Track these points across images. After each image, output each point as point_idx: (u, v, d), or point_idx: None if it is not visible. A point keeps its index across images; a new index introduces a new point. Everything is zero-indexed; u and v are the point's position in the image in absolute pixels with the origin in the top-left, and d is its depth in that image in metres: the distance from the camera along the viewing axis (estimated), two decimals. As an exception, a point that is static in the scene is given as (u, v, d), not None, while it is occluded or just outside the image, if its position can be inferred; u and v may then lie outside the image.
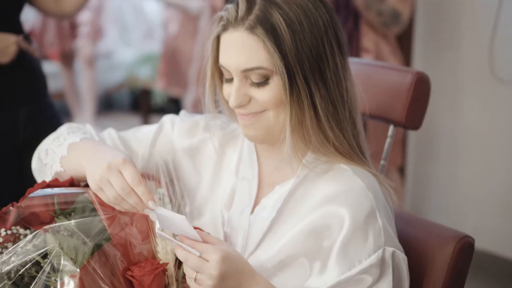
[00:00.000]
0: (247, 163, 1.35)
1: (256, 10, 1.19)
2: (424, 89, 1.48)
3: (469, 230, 1.43)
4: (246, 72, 1.20)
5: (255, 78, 1.20)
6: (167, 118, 1.44)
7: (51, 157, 1.35)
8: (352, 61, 1.62)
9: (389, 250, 1.20)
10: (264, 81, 1.20)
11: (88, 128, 1.43)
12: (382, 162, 1.58)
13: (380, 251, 1.19)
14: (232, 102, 1.23)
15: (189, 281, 1.13)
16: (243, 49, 1.19)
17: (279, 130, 1.23)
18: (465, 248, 1.33)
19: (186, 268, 1.13)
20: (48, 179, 1.34)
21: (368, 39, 2.70)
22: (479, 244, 3.14)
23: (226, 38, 1.22)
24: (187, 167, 1.40)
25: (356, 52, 2.70)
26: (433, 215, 3.41)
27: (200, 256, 1.10)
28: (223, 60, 1.23)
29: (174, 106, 5.41)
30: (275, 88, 1.20)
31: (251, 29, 1.18)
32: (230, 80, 1.24)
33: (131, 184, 1.16)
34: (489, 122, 3.21)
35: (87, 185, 1.27)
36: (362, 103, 1.34)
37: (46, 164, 1.36)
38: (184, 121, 1.43)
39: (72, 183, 1.31)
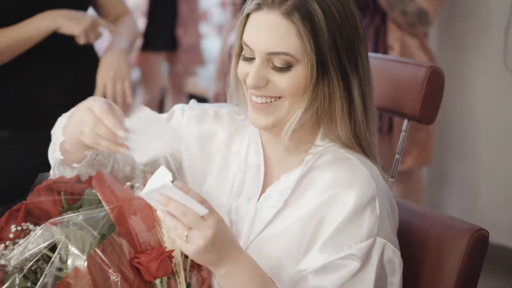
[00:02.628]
0: (254, 151, 1.36)
1: None
2: (437, 83, 1.49)
3: (486, 225, 1.44)
4: (271, 55, 1.20)
5: (278, 62, 1.20)
6: (178, 107, 1.46)
7: (57, 131, 1.37)
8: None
9: (381, 241, 1.20)
10: (286, 67, 1.20)
11: None
12: (396, 156, 1.60)
13: (371, 239, 1.19)
14: (249, 82, 1.22)
15: (178, 239, 1.10)
16: (274, 32, 1.19)
17: (289, 120, 1.24)
18: (480, 240, 1.33)
19: (177, 226, 1.09)
20: (57, 154, 1.35)
21: (393, 37, 2.68)
22: (496, 239, 3.16)
23: (257, 18, 1.21)
24: (196, 154, 1.41)
25: (383, 50, 2.70)
26: (449, 210, 3.42)
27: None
28: (249, 38, 1.22)
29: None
30: (297, 76, 1.20)
31: (287, 14, 1.18)
32: (249, 59, 1.24)
33: (99, 115, 1.19)
34: (503, 116, 3.21)
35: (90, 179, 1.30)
36: (379, 99, 1.36)
37: (53, 135, 1.39)
38: (193, 109, 1.44)
39: (78, 179, 1.33)
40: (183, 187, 1.09)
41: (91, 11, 2.04)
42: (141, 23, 3.43)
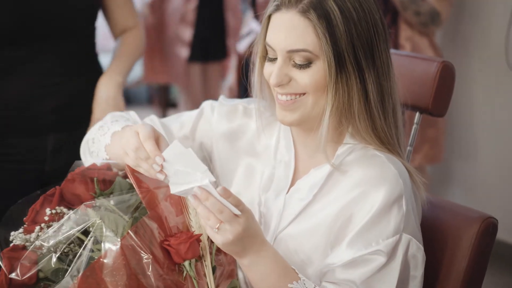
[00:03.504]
0: (284, 147, 1.40)
1: None
2: (449, 77, 1.55)
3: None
4: (291, 53, 1.25)
5: (298, 60, 1.25)
6: (207, 104, 1.50)
7: (97, 146, 1.42)
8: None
9: (407, 237, 1.26)
10: (306, 64, 1.25)
11: (132, 114, 1.50)
12: (408, 148, 1.65)
13: (398, 236, 1.25)
14: (272, 80, 1.27)
15: (208, 228, 1.18)
16: (292, 30, 1.24)
17: (316, 116, 1.28)
18: (489, 228, 1.39)
19: (209, 217, 1.17)
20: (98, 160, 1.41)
21: (404, 36, 2.73)
22: (501, 236, 3.20)
23: (277, 18, 1.27)
24: (225, 150, 1.45)
25: (395, 49, 2.73)
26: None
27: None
28: (270, 38, 1.28)
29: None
30: (317, 72, 1.25)
31: (304, 12, 1.23)
32: (273, 59, 1.28)
33: (142, 140, 1.23)
34: (505, 115, 3.24)
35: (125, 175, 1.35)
36: (402, 96, 1.38)
37: (93, 152, 1.43)
38: (223, 105, 1.48)
39: (109, 167, 1.38)
40: (225, 192, 1.17)
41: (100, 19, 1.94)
42: (188, 33, 3.42)
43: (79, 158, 1.46)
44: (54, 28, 1.78)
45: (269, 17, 1.29)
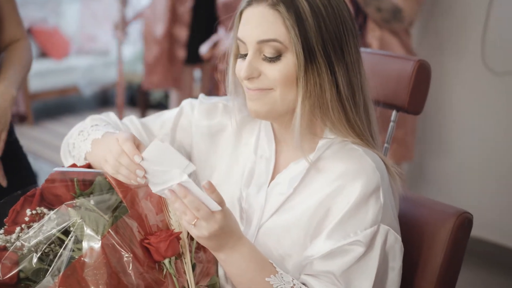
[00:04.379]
0: (265, 142, 1.42)
1: None
2: (425, 76, 1.58)
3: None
4: (261, 43, 1.26)
5: (268, 52, 1.27)
6: (187, 102, 1.51)
7: (78, 151, 1.43)
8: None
9: (384, 227, 1.28)
10: (276, 57, 1.26)
11: (112, 116, 1.51)
12: (385, 145, 1.67)
13: (376, 226, 1.27)
14: (242, 73, 1.29)
15: (187, 224, 1.21)
16: (262, 22, 1.26)
17: (285, 110, 1.30)
18: (465, 223, 1.42)
19: (186, 212, 1.19)
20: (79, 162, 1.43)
21: (372, 35, 2.75)
22: (479, 235, 3.23)
23: (248, 13, 1.29)
24: (205, 148, 1.47)
25: (365, 48, 2.76)
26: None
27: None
28: (241, 32, 1.30)
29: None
30: (287, 66, 1.26)
31: (273, 5, 1.25)
32: (244, 56, 1.31)
33: (120, 143, 1.25)
34: (481, 112, 3.29)
35: None
36: (373, 92, 1.40)
37: (74, 157, 1.44)
38: (203, 103, 1.49)
39: (89, 166, 1.40)
40: (210, 186, 1.19)
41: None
42: (183, 33, 3.41)
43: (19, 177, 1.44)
44: None
45: (241, 14, 1.31)
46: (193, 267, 1.33)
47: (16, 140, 1.89)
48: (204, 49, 3.14)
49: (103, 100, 6.58)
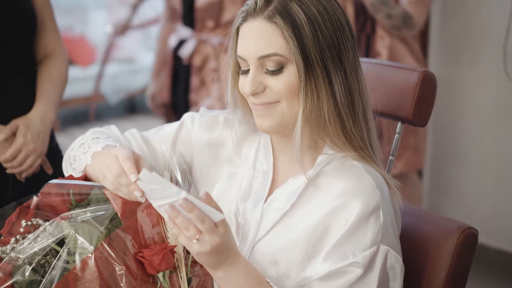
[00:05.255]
0: (263, 157, 1.41)
1: (275, 2, 1.26)
2: (430, 87, 1.55)
3: (487, 232, 1.48)
4: (262, 59, 1.26)
5: (270, 65, 1.26)
6: (188, 116, 1.51)
7: (78, 164, 1.42)
8: (362, 61, 1.69)
9: (384, 248, 1.25)
10: (279, 69, 1.25)
11: (113, 129, 1.50)
12: (390, 157, 1.65)
13: (375, 247, 1.24)
14: (247, 89, 1.27)
15: (187, 241, 1.18)
16: (260, 37, 1.25)
17: (293, 121, 1.28)
18: (469, 239, 1.39)
19: (189, 228, 1.16)
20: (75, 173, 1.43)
21: (381, 44, 2.72)
22: (497, 244, 3.18)
23: (245, 29, 1.28)
24: (205, 161, 1.46)
25: (374, 56, 2.74)
26: (450, 215, 3.43)
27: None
28: (240, 50, 1.29)
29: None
30: (289, 76, 1.25)
31: (270, 18, 1.24)
32: (246, 71, 1.29)
33: (120, 161, 1.24)
34: (503, 122, 3.24)
35: None
36: (373, 102, 1.38)
37: (75, 169, 1.43)
38: (204, 116, 1.49)
39: (86, 178, 1.39)
40: (207, 197, 1.17)
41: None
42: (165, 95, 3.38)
43: (39, 181, 1.45)
44: (7, 42, 1.76)
45: (237, 30, 1.30)
46: (189, 281, 1.31)
47: (57, 146, 1.93)
48: (186, 52, 3.11)
49: (129, 108, 6.62)
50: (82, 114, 6.15)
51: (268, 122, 1.29)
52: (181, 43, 3.12)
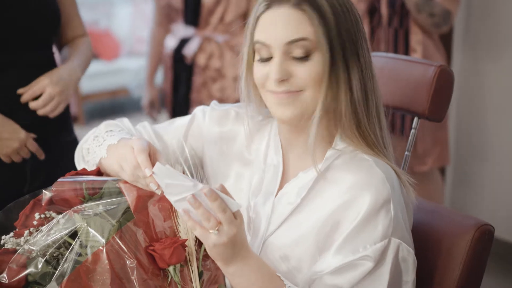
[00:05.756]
0: (273, 151, 1.40)
1: None
2: (446, 82, 1.53)
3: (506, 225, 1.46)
4: (290, 44, 1.24)
5: (297, 52, 1.25)
6: (199, 109, 1.51)
7: (92, 156, 1.42)
8: (377, 55, 1.68)
9: (395, 241, 1.24)
10: (305, 57, 1.25)
11: (125, 122, 1.51)
12: (406, 153, 1.63)
13: (386, 240, 1.23)
14: (274, 75, 1.25)
15: (203, 231, 1.18)
16: (289, 22, 1.24)
17: (311, 112, 1.28)
18: (485, 235, 1.37)
19: (210, 218, 1.17)
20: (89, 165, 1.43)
21: (415, 40, 2.69)
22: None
23: (269, 15, 1.27)
24: (217, 155, 1.46)
25: (404, 52, 2.72)
26: (474, 214, 3.41)
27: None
28: (264, 36, 1.27)
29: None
30: (316, 64, 1.25)
31: (298, 5, 1.24)
32: (267, 59, 1.28)
33: (135, 154, 1.25)
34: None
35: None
36: (385, 98, 1.38)
37: (88, 162, 1.44)
38: (215, 109, 1.48)
39: (99, 172, 1.40)
40: (223, 190, 1.18)
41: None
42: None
43: (58, 174, 1.47)
44: (22, 40, 1.80)
45: (257, 19, 1.29)
46: (200, 274, 1.31)
47: (75, 140, 1.97)
48: (191, 50, 3.07)
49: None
50: (107, 108, 6.20)
51: (291, 111, 1.28)
52: (182, 43, 3.06)
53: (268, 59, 1.28)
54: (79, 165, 1.49)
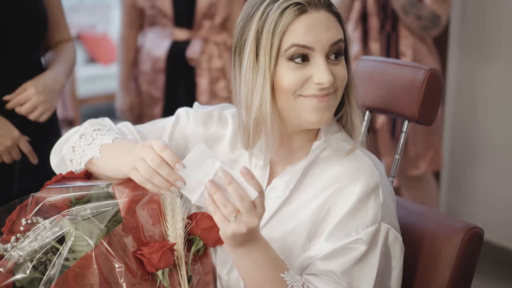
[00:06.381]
0: (258, 151, 1.39)
1: None
2: (436, 86, 1.53)
3: (507, 234, 1.46)
4: (334, 45, 1.27)
5: (335, 53, 1.28)
6: (182, 111, 1.50)
7: (79, 155, 1.39)
8: (368, 59, 1.68)
9: (385, 226, 1.28)
10: (339, 58, 1.29)
11: (107, 121, 1.49)
12: (396, 156, 1.63)
13: (376, 224, 1.27)
14: (325, 78, 1.25)
15: (221, 218, 1.16)
16: (330, 25, 1.28)
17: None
18: (474, 238, 1.37)
19: (226, 205, 1.15)
20: (79, 167, 1.41)
21: (405, 44, 2.71)
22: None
23: (307, 19, 1.27)
24: None
25: (396, 56, 2.73)
26: (468, 218, 3.41)
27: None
28: (306, 39, 1.26)
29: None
30: (344, 65, 1.30)
31: (329, 7, 1.29)
32: (301, 63, 1.27)
33: (157, 151, 1.21)
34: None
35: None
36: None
37: (72, 160, 1.41)
38: (197, 112, 1.48)
39: (86, 174, 1.38)
40: (248, 172, 1.16)
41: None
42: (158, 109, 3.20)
43: (45, 176, 1.46)
44: (9, 44, 1.81)
45: (288, 24, 1.27)
46: (189, 279, 1.31)
47: None
48: (195, 52, 3.02)
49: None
50: (104, 112, 6.19)
51: (328, 114, 1.29)
52: (173, 46, 3.02)
53: (303, 62, 1.27)
54: (55, 163, 1.47)
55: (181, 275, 1.30)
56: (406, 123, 1.61)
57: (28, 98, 1.81)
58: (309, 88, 1.27)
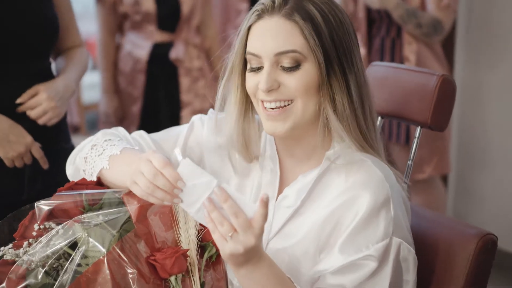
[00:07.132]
0: (269, 157, 1.40)
1: (291, 2, 1.26)
2: (449, 92, 1.52)
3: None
4: (279, 55, 1.25)
5: (287, 62, 1.25)
6: (197, 118, 1.50)
7: (90, 166, 1.39)
8: (380, 64, 1.68)
9: (396, 240, 1.25)
10: (295, 66, 1.25)
11: (121, 131, 1.48)
12: (409, 162, 1.63)
13: (388, 239, 1.24)
14: (262, 85, 1.26)
15: (219, 236, 1.15)
16: (278, 34, 1.25)
17: (305, 122, 1.28)
18: (488, 245, 1.36)
19: (223, 223, 1.14)
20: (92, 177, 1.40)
21: (409, 49, 2.71)
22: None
23: (259, 26, 1.27)
24: (218, 161, 1.45)
25: (400, 61, 2.73)
26: (476, 223, 3.39)
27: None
28: (255, 47, 1.28)
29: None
30: (306, 75, 1.25)
31: (288, 15, 1.25)
32: (257, 69, 1.29)
33: (158, 168, 1.19)
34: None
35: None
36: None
37: (85, 171, 1.40)
38: (212, 118, 1.48)
39: (99, 182, 1.38)
40: (268, 199, 1.15)
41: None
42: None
43: (55, 182, 1.45)
44: (20, 50, 1.82)
45: (249, 28, 1.30)
46: (202, 285, 1.30)
47: (72, 147, 1.97)
48: (179, 54, 3.11)
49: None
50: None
51: (282, 126, 1.28)
52: (155, 48, 3.09)
53: (259, 68, 1.29)
54: (70, 172, 1.46)
55: (194, 281, 1.29)
56: (418, 129, 1.60)
57: (39, 103, 1.83)
58: (260, 93, 1.28)
